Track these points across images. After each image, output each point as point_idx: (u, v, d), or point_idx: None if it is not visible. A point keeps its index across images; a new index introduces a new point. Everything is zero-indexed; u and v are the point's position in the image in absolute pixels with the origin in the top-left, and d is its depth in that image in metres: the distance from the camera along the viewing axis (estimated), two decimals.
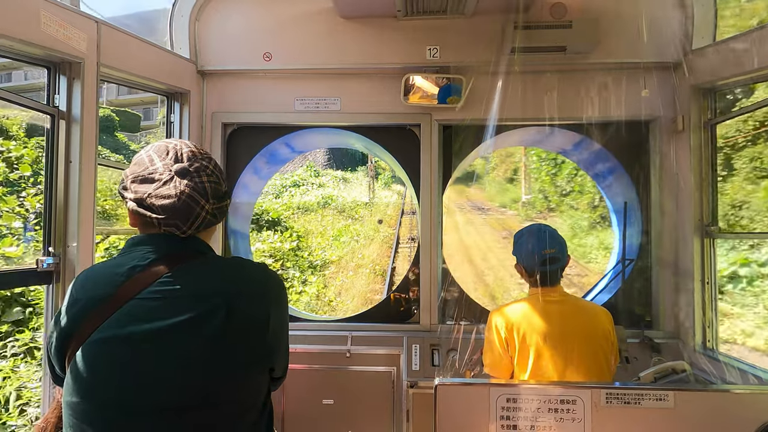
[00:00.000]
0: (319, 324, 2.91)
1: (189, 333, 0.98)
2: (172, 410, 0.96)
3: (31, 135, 8.62)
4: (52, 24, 1.83)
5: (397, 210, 21.62)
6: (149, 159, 1.09)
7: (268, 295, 1.12)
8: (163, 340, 0.97)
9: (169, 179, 1.06)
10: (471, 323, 2.70)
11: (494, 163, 27.34)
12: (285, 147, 3.16)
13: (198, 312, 0.99)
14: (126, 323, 0.98)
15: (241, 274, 1.12)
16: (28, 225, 5.22)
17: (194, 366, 0.97)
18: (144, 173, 1.07)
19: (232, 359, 1.01)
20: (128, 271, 1.03)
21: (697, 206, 2.52)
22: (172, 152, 1.10)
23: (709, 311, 2.50)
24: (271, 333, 1.08)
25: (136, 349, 0.97)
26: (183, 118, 2.73)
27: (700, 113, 2.53)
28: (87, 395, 0.96)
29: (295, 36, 2.76)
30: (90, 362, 0.97)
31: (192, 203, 1.06)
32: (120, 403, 0.95)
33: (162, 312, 0.99)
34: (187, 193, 1.05)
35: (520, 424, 1.42)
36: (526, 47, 2.51)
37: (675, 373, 1.95)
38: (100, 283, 1.03)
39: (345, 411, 2.68)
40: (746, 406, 1.36)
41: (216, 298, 1.02)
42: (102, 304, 1.00)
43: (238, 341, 1.02)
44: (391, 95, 2.75)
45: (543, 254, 1.96)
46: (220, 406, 0.99)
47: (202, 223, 1.08)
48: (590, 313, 1.97)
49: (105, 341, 0.97)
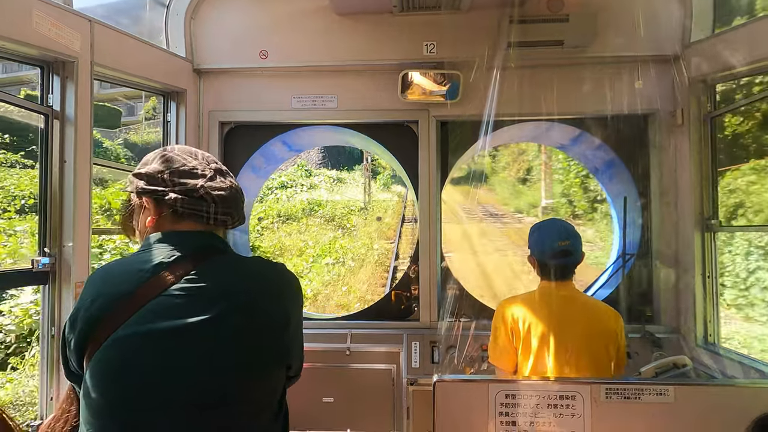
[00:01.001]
0: (318, 322, 2.91)
1: (211, 330, 0.97)
2: (190, 408, 0.95)
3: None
4: (45, 23, 1.82)
5: (396, 216, 18.35)
6: (182, 158, 1.12)
7: (287, 294, 1.13)
8: (185, 338, 0.96)
9: (213, 175, 1.11)
10: (470, 320, 2.69)
11: (504, 162, 24.45)
12: (282, 145, 3.15)
13: (221, 310, 0.99)
14: (152, 319, 0.97)
15: (262, 272, 1.13)
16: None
17: (214, 364, 0.97)
18: (183, 169, 1.09)
19: (252, 357, 1.01)
20: (154, 268, 1.02)
21: (698, 200, 2.50)
22: (197, 155, 1.15)
23: (710, 306, 2.48)
24: (290, 332, 1.09)
25: (160, 346, 0.96)
26: (180, 117, 2.72)
27: (699, 106, 2.52)
28: (108, 392, 0.95)
29: (291, 33, 2.74)
30: (114, 359, 0.96)
31: (240, 196, 1.15)
32: (140, 400, 0.94)
33: (186, 309, 0.98)
34: (234, 187, 1.13)
35: (520, 421, 1.41)
36: (522, 42, 2.49)
37: (676, 367, 1.94)
38: (124, 280, 1.02)
39: (345, 409, 2.67)
40: (747, 400, 1.35)
41: (239, 296, 1.02)
42: (126, 300, 0.98)
43: (259, 340, 1.02)
44: (388, 92, 2.73)
45: (557, 246, 1.94)
46: (237, 405, 0.98)
47: (241, 218, 1.16)
48: (598, 312, 1.95)
49: (130, 337, 0.96)
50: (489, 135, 2.66)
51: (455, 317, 2.71)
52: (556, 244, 1.94)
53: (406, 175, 2.87)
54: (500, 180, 24.09)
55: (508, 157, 23.92)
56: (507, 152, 23.76)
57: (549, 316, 1.89)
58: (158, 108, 28.19)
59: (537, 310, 1.92)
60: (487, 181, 24.07)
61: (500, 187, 23.76)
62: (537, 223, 2.10)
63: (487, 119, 2.55)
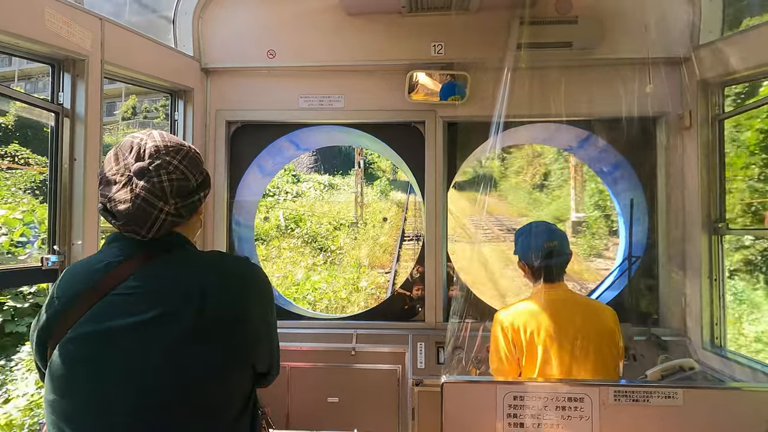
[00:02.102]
0: (323, 322, 2.91)
1: (162, 329, 0.96)
2: (147, 408, 0.93)
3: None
4: (57, 21, 1.82)
5: (393, 234, 15.02)
6: (114, 158, 1.05)
7: (248, 289, 1.08)
8: (136, 336, 0.95)
9: (127, 181, 1.01)
10: (477, 321, 2.69)
11: (518, 165, 22.01)
12: (290, 144, 3.15)
13: (171, 307, 0.97)
14: (103, 319, 0.96)
15: (218, 267, 1.09)
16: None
17: (168, 363, 0.95)
18: (108, 174, 1.04)
19: (208, 356, 0.98)
20: (105, 267, 1.02)
21: (705, 203, 2.50)
22: (135, 149, 1.05)
23: (717, 308, 2.47)
24: (251, 329, 1.05)
25: (111, 345, 0.95)
26: (187, 116, 2.73)
27: (707, 109, 2.51)
28: (64, 393, 0.95)
29: (300, 33, 2.75)
30: (65, 359, 0.96)
31: (148, 207, 1.01)
32: (95, 401, 0.94)
33: (136, 307, 0.97)
34: (142, 196, 1.00)
35: (527, 422, 1.41)
36: (531, 43, 2.49)
37: (682, 370, 1.94)
38: (79, 280, 1.02)
39: (350, 409, 2.68)
40: (757, 404, 1.35)
41: (191, 292, 0.99)
42: (80, 299, 0.99)
43: (214, 337, 0.99)
44: (395, 92, 2.73)
45: (544, 247, 1.95)
46: (195, 405, 0.96)
47: (163, 225, 1.03)
48: (595, 310, 1.96)
49: (80, 338, 0.96)
50: (499, 136, 2.66)
51: (462, 318, 2.71)
52: (544, 245, 1.95)
53: (412, 175, 2.87)
54: (512, 186, 21.33)
55: (521, 160, 21.29)
56: (520, 154, 21.30)
57: (549, 320, 1.88)
58: (138, 108, 27.18)
59: (536, 316, 1.90)
60: (497, 187, 21.23)
61: (513, 194, 20.94)
62: (521, 228, 2.12)
63: (497, 120, 2.55)
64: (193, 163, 1.09)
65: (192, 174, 1.08)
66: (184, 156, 1.07)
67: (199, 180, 1.10)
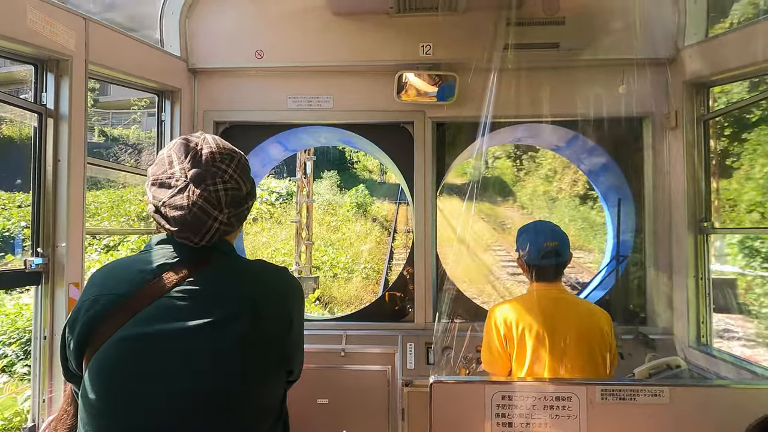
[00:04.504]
0: (313, 323, 2.90)
1: (215, 334, 0.97)
2: (189, 412, 0.94)
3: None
4: (39, 21, 1.80)
5: (372, 283, 10.96)
6: (169, 160, 1.05)
7: (290, 298, 1.12)
8: (189, 340, 0.96)
9: (183, 187, 1.01)
10: (466, 321, 2.69)
11: (548, 167, 17.45)
12: (278, 145, 3.14)
13: (225, 314, 0.98)
14: (153, 322, 0.96)
15: (264, 277, 1.12)
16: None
17: (217, 368, 0.96)
18: (162, 177, 1.04)
19: (255, 363, 1.00)
20: (157, 269, 1.01)
21: (691, 202, 2.52)
22: (192, 152, 1.05)
23: (703, 307, 2.50)
24: (292, 337, 1.09)
25: (163, 347, 0.95)
26: (174, 117, 2.70)
27: (693, 109, 2.54)
28: (107, 394, 0.94)
29: (288, 33, 2.73)
30: (114, 361, 0.95)
31: (203, 215, 1.01)
32: (142, 402, 0.93)
33: (189, 312, 0.97)
34: (199, 204, 1.00)
35: (516, 422, 1.41)
36: (519, 44, 2.51)
37: (670, 368, 1.96)
38: (125, 281, 1.01)
39: (340, 410, 2.67)
40: (742, 401, 1.37)
41: (243, 300, 1.02)
42: (126, 301, 0.98)
43: (262, 345, 1.01)
44: (384, 93, 2.73)
45: (544, 246, 1.96)
46: (240, 410, 0.97)
47: (216, 234, 1.04)
48: (588, 312, 1.97)
49: (131, 339, 0.95)
50: (486, 136, 2.67)
51: (450, 318, 2.71)
52: (545, 244, 1.97)
53: (402, 176, 2.87)
54: (527, 193, 15.97)
55: (553, 160, 15.59)
56: (548, 155, 16.08)
57: (542, 318, 1.89)
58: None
59: (529, 313, 1.92)
60: (516, 199, 16.82)
61: (534, 204, 15.47)
62: (524, 225, 2.14)
63: (484, 121, 2.56)
64: (245, 170, 1.11)
65: (244, 182, 1.09)
66: (237, 164, 1.09)
67: (248, 188, 1.12)
